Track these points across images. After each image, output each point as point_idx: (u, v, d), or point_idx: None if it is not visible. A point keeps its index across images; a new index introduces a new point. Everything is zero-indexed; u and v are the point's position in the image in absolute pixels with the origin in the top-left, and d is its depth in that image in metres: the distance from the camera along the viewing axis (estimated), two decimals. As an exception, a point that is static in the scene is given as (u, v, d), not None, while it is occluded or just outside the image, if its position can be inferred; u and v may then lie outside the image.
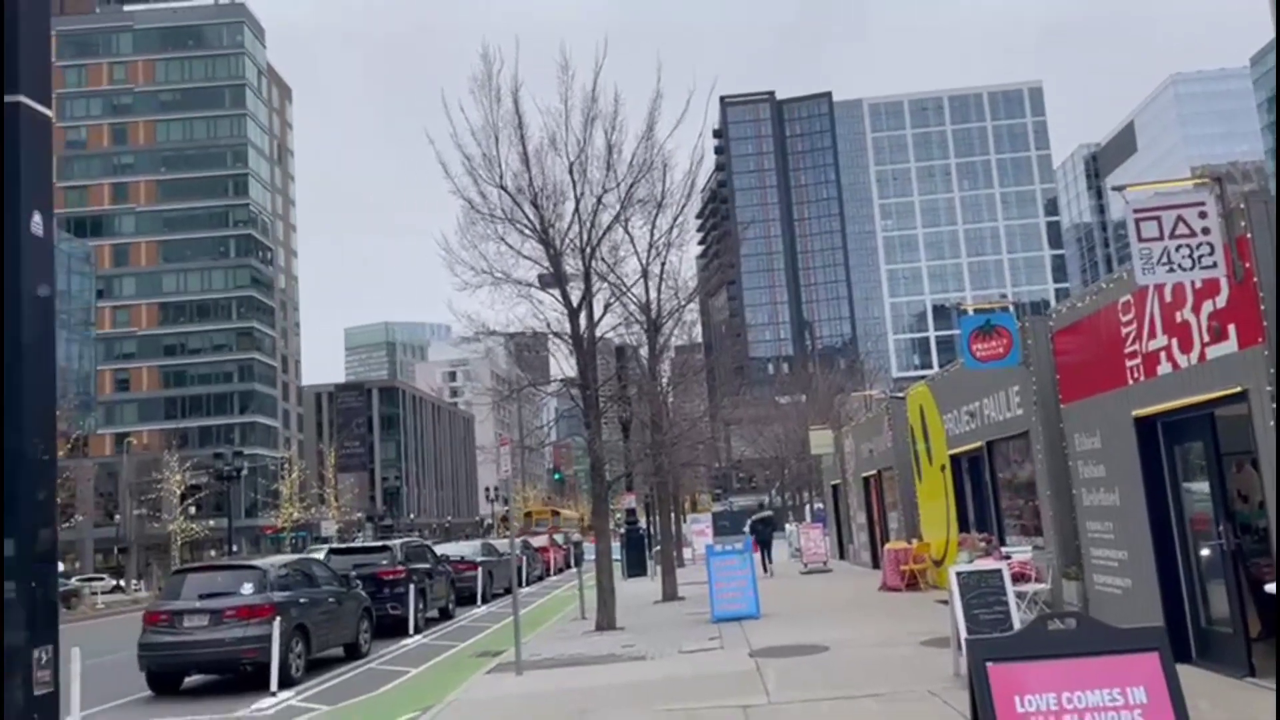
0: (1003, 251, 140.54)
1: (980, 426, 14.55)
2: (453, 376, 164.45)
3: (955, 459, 16.21)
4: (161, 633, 12.74)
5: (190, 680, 13.50)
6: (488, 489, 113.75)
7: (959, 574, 8.99)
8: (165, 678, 12.99)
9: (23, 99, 3.57)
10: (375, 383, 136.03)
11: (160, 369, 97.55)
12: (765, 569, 24.78)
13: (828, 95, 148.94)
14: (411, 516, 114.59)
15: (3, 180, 3.61)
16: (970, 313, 12.47)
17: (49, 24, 3.85)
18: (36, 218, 3.60)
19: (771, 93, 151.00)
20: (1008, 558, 11.65)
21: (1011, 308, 12.74)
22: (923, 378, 22.66)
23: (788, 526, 40.23)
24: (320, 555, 19.75)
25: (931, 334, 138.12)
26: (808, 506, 47.22)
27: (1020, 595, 10.28)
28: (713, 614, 15.27)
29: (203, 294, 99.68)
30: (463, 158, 16.00)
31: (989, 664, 3.98)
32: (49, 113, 3.74)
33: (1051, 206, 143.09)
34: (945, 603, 9.86)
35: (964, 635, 8.50)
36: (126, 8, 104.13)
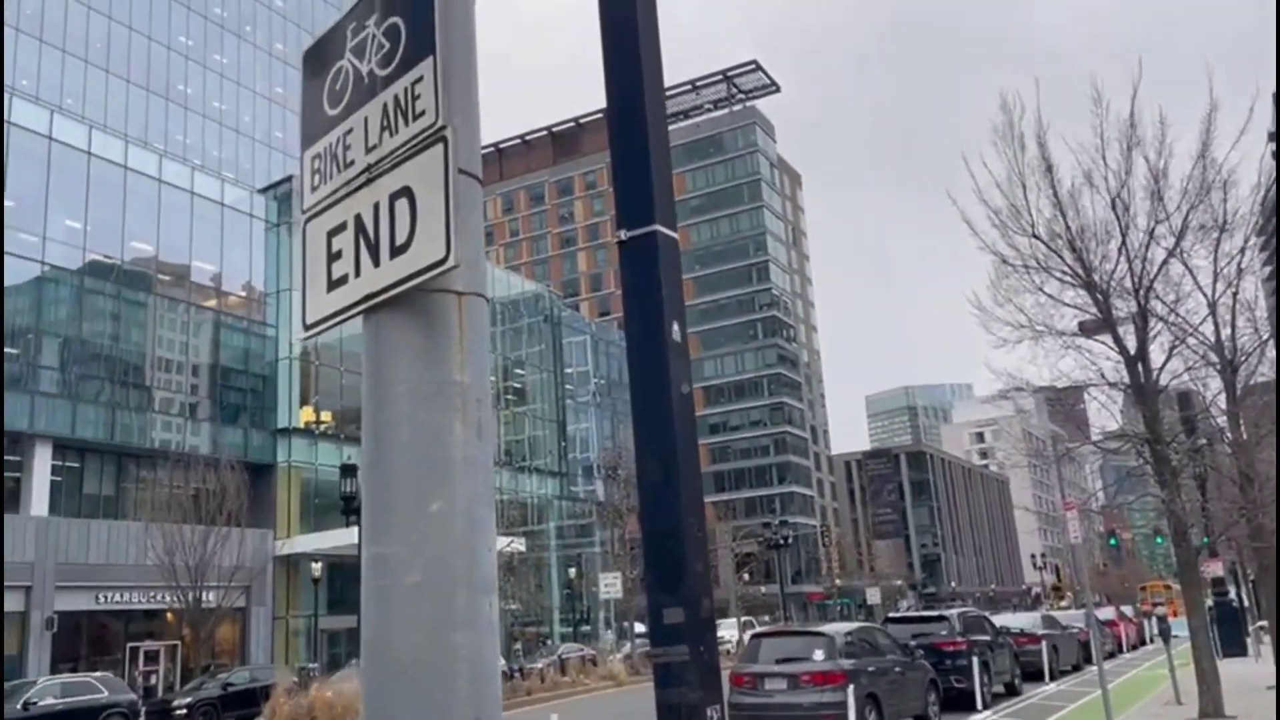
0: None
1: None
2: (980, 437, 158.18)
3: None
4: (746, 694, 13.68)
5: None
6: (1033, 555, 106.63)
7: None
8: (752, 737, 13.87)
9: (658, 228, 4.21)
10: (901, 448, 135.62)
11: (709, 446, 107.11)
12: None
13: None
14: (952, 585, 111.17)
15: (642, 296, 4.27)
16: None
17: (670, 165, 4.52)
18: (675, 326, 4.19)
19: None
20: None
21: None
22: None
23: None
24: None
25: None
26: None
27: None
28: (1358, 708, 12.56)
29: (737, 375, 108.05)
30: (988, 212, 15.58)
31: None
32: (676, 235, 4.37)
33: None
34: None
35: None
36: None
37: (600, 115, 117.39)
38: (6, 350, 33.19)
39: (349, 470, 25.68)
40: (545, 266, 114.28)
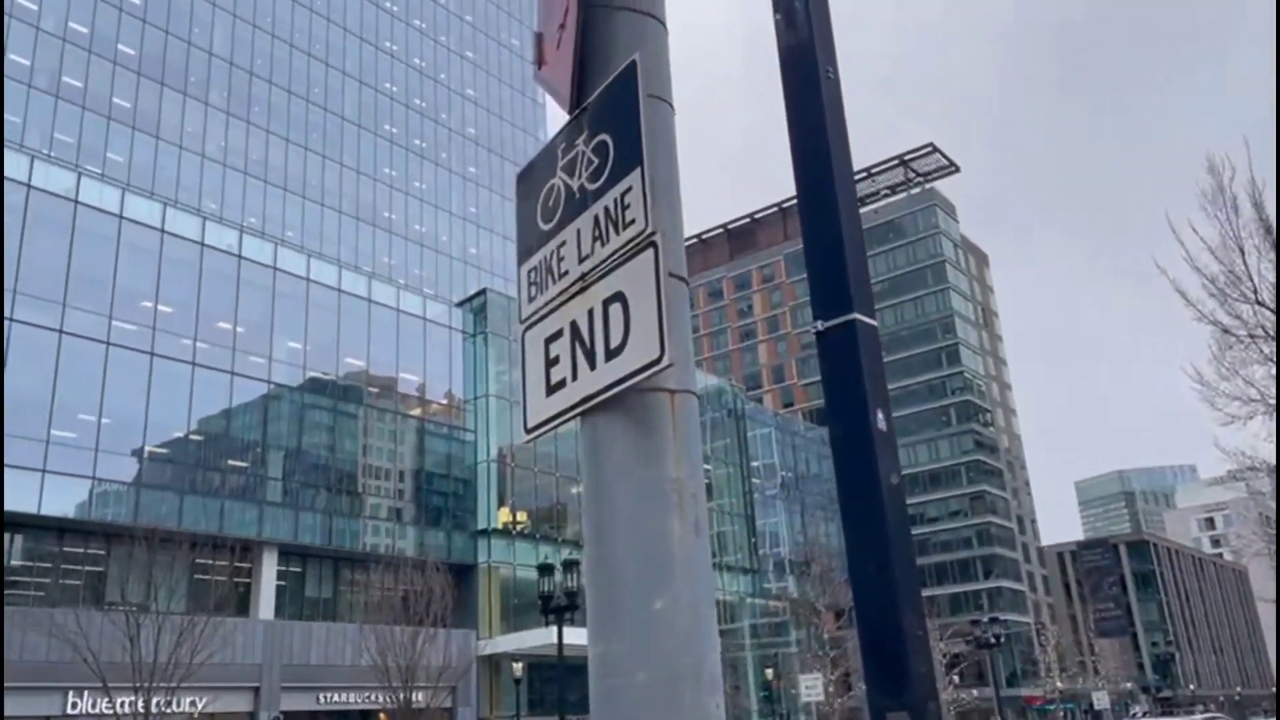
0: None
1: None
2: (1210, 524, 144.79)
3: None
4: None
5: None
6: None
7: None
8: None
9: (857, 316, 4.17)
10: (1120, 537, 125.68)
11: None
12: None
13: None
14: (1191, 688, 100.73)
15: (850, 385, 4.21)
16: None
17: (864, 252, 4.50)
18: (879, 415, 4.10)
19: None
20: None
21: None
22: None
23: None
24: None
25: None
26: None
27: None
28: None
29: (932, 464, 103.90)
30: (1203, 280, 14.62)
31: None
32: (875, 323, 4.31)
33: None
34: None
35: None
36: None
37: (774, 211, 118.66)
38: (239, 463, 36.18)
39: (546, 569, 26.18)
40: (726, 361, 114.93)
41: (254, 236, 41.21)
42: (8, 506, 28.83)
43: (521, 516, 44.49)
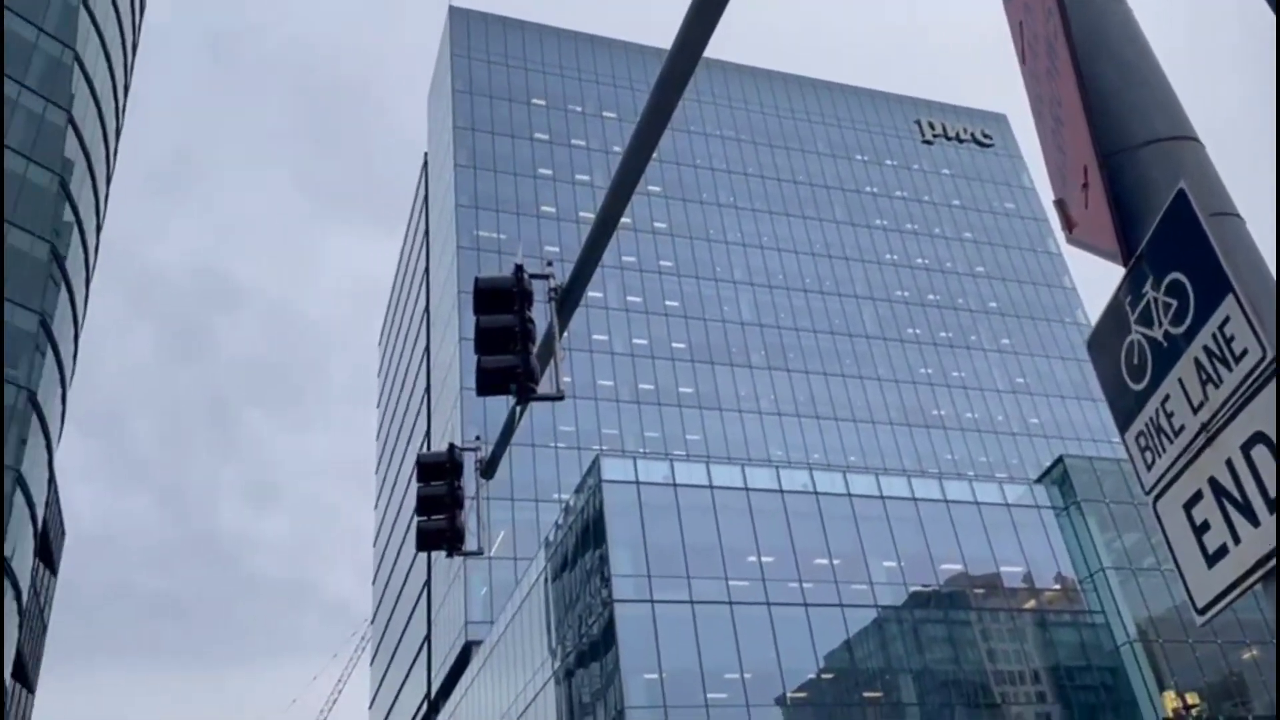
0: None
1: None
2: None
3: None
4: None
5: None
6: None
7: None
8: None
9: None
10: None
11: None
12: None
13: None
14: None
15: None
16: None
17: None
18: None
19: None
20: None
21: None
22: None
23: None
24: None
25: None
26: None
27: None
28: None
29: None
30: None
31: None
32: None
33: None
34: None
35: None
36: None
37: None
38: (873, 694, 36.31)
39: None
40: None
41: (822, 470, 43.41)
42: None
43: (1192, 698, 38.29)
